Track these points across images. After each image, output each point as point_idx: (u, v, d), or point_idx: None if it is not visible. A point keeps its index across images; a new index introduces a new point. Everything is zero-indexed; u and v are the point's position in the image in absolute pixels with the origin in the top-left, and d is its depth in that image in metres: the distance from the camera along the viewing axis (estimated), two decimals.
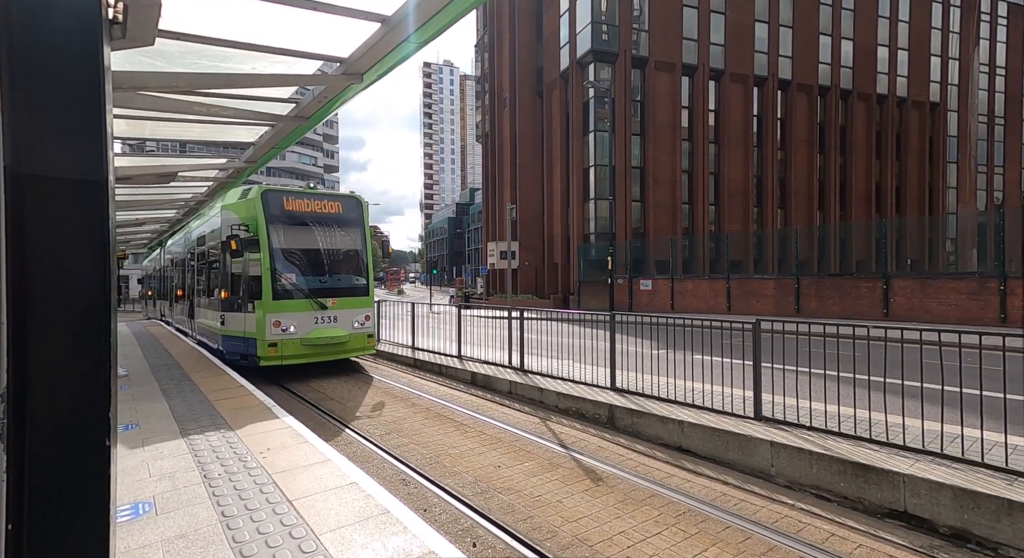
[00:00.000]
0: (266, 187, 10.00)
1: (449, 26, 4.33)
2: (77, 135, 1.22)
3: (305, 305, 9.76)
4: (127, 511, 3.72)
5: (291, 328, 9.53)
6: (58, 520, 1.20)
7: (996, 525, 3.78)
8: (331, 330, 9.98)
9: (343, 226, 10.66)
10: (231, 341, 10.14)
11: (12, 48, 1.14)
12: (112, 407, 1.27)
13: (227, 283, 10.28)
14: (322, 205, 10.42)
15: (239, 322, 9.91)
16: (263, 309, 9.45)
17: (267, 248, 9.55)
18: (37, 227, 1.17)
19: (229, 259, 9.94)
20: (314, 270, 10.11)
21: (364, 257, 10.84)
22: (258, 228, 9.61)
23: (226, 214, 10.39)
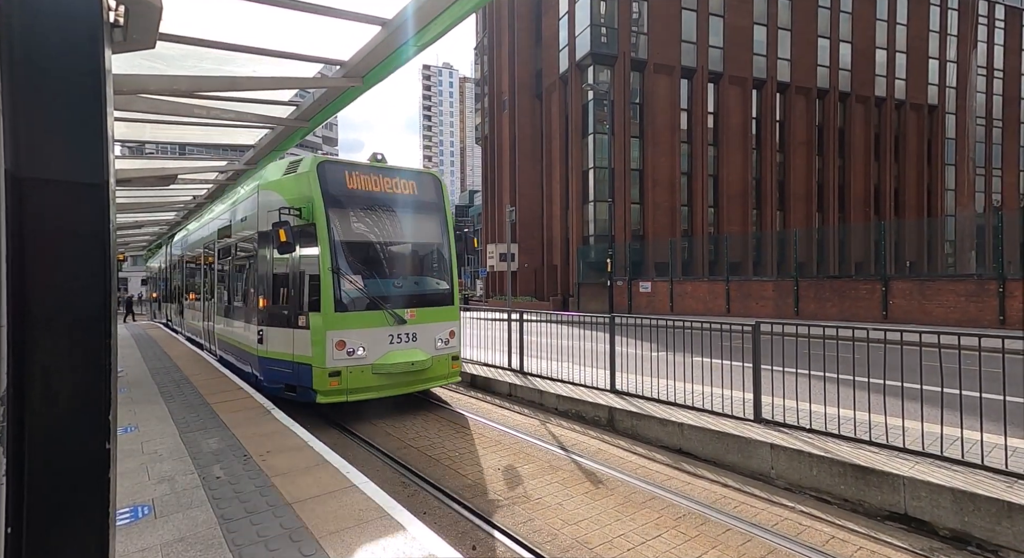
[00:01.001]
0: (323, 158, 7.22)
1: (449, 29, 4.34)
2: (78, 138, 1.22)
3: (377, 318, 7.04)
4: (126, 514, 3.71)
5: (359, 350, 6.86)
6: (58, 524, 1.20)
7: (996, 527, 3.78)
8: (410, 352, 7.22)
9: (422, 212, 7.96)
10: (273, 367, 7.43)
11: (13, 51, 1.14)
12: (112, 410, 1.27)
13: (267, 287, 7.65)
14: (395, 184, 7.65)
15: (285, 341, 7.22)
16: (323, 324, 6.76)
17: (327, 240, 6.84)
18: (38, 230, 1.17)
19: (271, 255, 7.46)
20: (388, 270, 7.51)
21: (448, 253, 8.09)
22: (314, 213, 6.92)
23: (266, 195, 7.77)
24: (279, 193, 7.45)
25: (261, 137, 7.84)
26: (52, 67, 1.19)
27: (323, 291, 6.80)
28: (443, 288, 7.98)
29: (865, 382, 5.04)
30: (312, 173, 7.05)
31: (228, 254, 9.81)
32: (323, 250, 6.85)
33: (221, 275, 10.45)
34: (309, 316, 6.89)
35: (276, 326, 7.42)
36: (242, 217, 8.91)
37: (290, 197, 7.22)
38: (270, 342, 7.54)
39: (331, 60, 5.14)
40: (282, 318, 7.30)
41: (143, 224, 18.66)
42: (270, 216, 7.36)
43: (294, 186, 7.27)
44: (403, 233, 7.79)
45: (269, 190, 7.75)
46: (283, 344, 7.27)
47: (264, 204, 7.79)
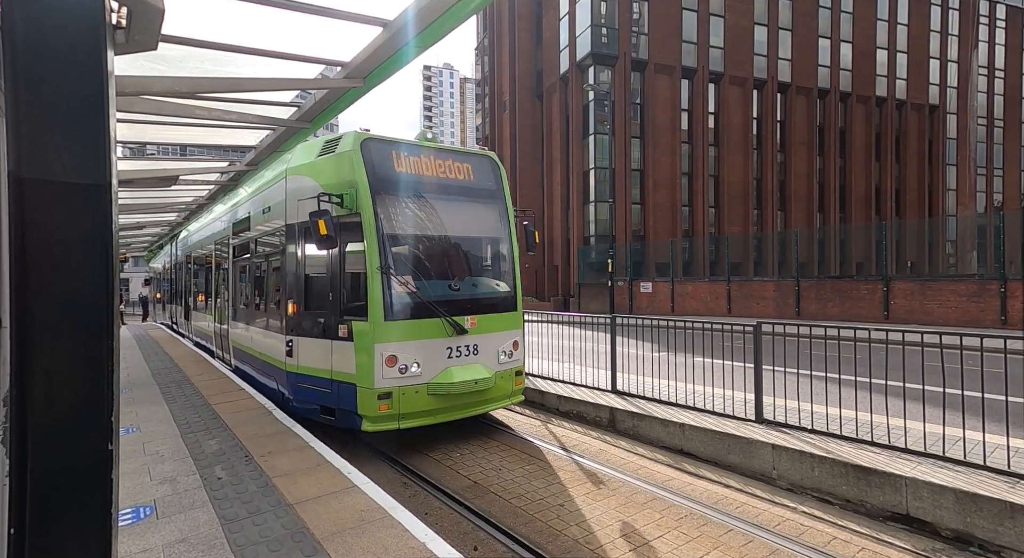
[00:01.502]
0: (366, 134, 5.99)
1: (450, 30, 4.35)
2: (80, 139, 1.22)
3: (434, 328, 5.82)
4: (128, 515, 3.71)
5: (413, 367, 5.66)
6: (60, 524, 1.20)
7: (999, 528, 3.77)
8: (472, 368, 6.00)
9: (480, 200, 6.76)
10: (306, 385, 6.29)
11: (16, 53, 1.15)
12: (114, 411, 1.27)
13: (297, 290, 6.45)
14: (449, 167, 6.45)
15: (321, 355, 6.06)
16: (371, 335, 5.57)
17: (375, 233, 5.66)
18: (40, 231, 1.17)
19: (302, 252, 6.40)
20: (444, 270, 6.30)
21: (510, 250, 6.90)
22: (359, 200, 5.71)
23: (296, 181, 6.59)
24: (312, 178, 6.27)
25: (263, 138, 7.86)
26: (54, 68, 1.19)
27: (370, 295, 5.61)
28: (505, 291, 6.74)
29: (867, 382, 5.04)
30: (355, 153, 5.77)
31: (246, 251, 8.65)
32: (370, 245, 5.65)
33: (237, 275, 9.28)
34: (352, 325, 5.71)
35: (310, 336, 6.23)
36: (264, 208, 7.63)
37: (327, 182, 6.01)
38: (302, 355, 6.32)
39: (332, 61, 5.15)
40: (317, 327, 6.12)
41: (145, 225, 18.69)
42: (301, 206, 6.23)
43: (332, 169, 6.04)
44: (460, 225, 6.57)
45: (300, 175, 6.52)
46: (319, 358, 6.07)
47: (293, 191, 6.59)
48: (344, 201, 5.76)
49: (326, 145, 6.35)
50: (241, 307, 8.97)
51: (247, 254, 8.60)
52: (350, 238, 5.82)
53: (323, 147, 6.37)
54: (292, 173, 6.73)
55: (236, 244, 9.19)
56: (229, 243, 9.65)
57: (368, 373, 5.56)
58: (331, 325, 5.96)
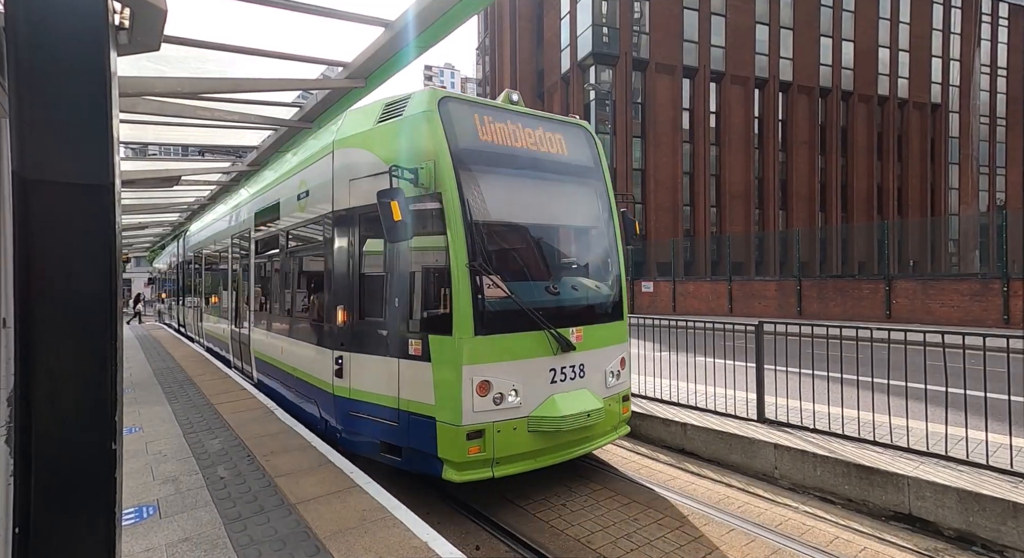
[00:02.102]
0: (443, 92, 4.68)
1: (451, 30, 4.37)
2: (84, 140, 1.23)
3: (534, 344, 4.58)
4: (131, 514, 3.72)
5: (511, 395, 4.41)
6: (65, 524, 1.21)
7: (1002, 527, 3.77)
8: (579, 396, 4.74)
9: (578, 181, 5.46)
10: (362, 415, 4.97)
11: (19, 54, 1.15)
12: (118, 411, 1.27)
13: (349, 292, 5.16)
14: (540, 138, 5.16)
15: (384, 378, 4.78)
16: (458, 354, 4.29)
17: (461, 219, 4.38)
18: (45, 232, 1.17)
19: (356, 245, 5.11)
20: (541, 268, 5.10)
21: (614, 242, 5.56)
22: (439, 177, 4.42)
23: (348, 155, 5.25)
24: (370, 150, 4.95)
25: (264, 138, 7.88)
26: (58, 70, 1.20)
27: (456, 301, 4.28)
28: (611, 294, 5.37)
29: (869, 382, 5.03)
30: (433, 115, 4.48)
31: (272, 245, 7.41)
32: (454, 236, 4.32)
33: (261, 273, 8.00)
34: (430, 341, 4.40)
35: (367, 352, 4.92)
36: (300, 192, 6.21)
37: (391, 154, 4.71)
38: (357, 376, 5.01)
39: (334, 61, 5.16)
40: (378, 341, 4.83)
41: (147, 225, 18.73)
42: (355, 187, 5.03)
43: (399, 137, 4.77)
44: (557, 212, 5.32)
45: (352, 148, 5.17)
46: (381, 382, 4.77)
47: (344, 169, 5.25)
48: (419, 177, 4.38)
49: (388, 108, 4.95)
50: (267, 311, 7.66)
51: (274, 249, 7.36)
52: (423, 227, 4.52)
53: (384, 111, 4.96)
54: (342, 146, 5.30)
55: (260, 238, 7.97)
56: (250, 237, 8.37)
57: (453, 404, 4.22)
58: (398, 339, 4.65)
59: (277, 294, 7.26)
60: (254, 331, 8.17)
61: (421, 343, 4.49)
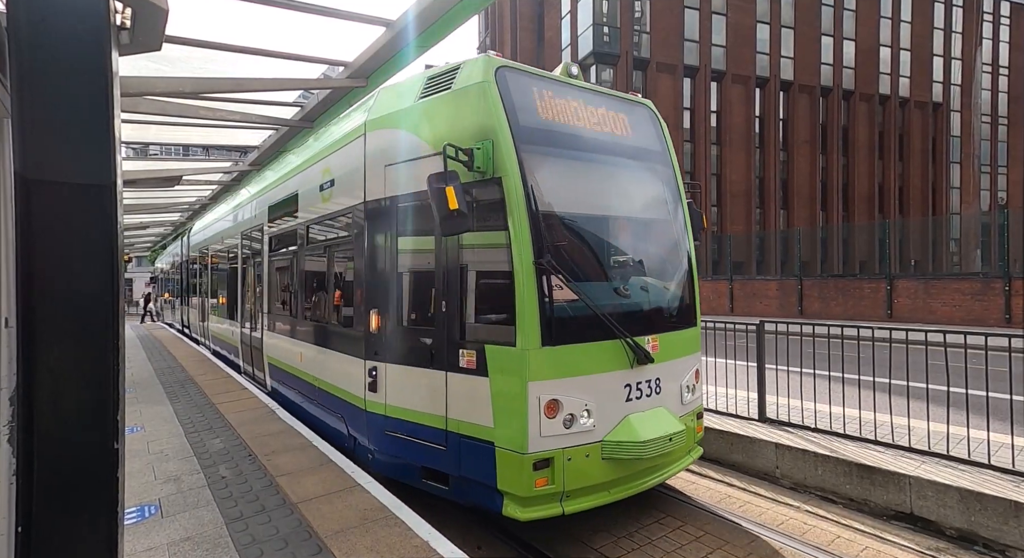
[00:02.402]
0: (500, 61, 4.04)
1: (452, 30, 4.36)
2: (86, 140, 1.23)
3: (608, 355, 3.97)
4: (133, 514, 3.73)
5: (583, 416, 3.81)
6: (67, 523, 1.21)
7: (1003, 527, 3.76)
8: (658, 416, 4.14)
9: (647, 167, 4.82)
10: (400, 435, 4.37)
11: (21, 54, 1.15)
12: (120, 410, 1.28)
13: (385, 294, 4.57)
14: (603, 118, 4.55)
15: (428, 393, 4.19)
16: (523, 366, 3.67)
17: (526, 209, 3.75)
18: (46, 231, 1.18)
19: (395, 239, 4.48)
20: (614, 267, 4.46)
21: (684, 237, 4.93)
22: (498, 157, 3.80)
23: (383, 137, 4.63)
24: (411, 130, 4.34)
25: (265, 138, 7.89)
26: (59, 70, 1.20)
27: (520, 305, 3.63)
28: (684, 296, 4.75)
29: (870, 381, 5.03)
30: (490, 86, 3.83)
31: (289, 242, 6.74)
32: (518, 229, 3.66)
33: (275, 272, 7.39)
34: (487, 352, 3.76)
35: (407, 364, 4.32)
36: (324, 182, 5.55)
37: (437, 134, 4.07)
38: (394, 390, 4.41)
39: (336, 61, 5.17)
40: (421, 351, 4.20)
41: (148, 225, 18.76)
42: (392, 173, 4.44)
43: (448, 113, 4.10)
44: (626, 202, 4.66)
45: (389, 128, 4.55)
46: (423, 397, 4.17)
47: (378, 153, 4.62)
48: (474, 160, 3.72)
49: (432, 81, 4.29)
50: (283, 314, 7.01)
51: (290, 246, 6.69)
52: (478, 218, 3.80)
53: (427, 85, 4.32)
54: (376, 127, 4.66)
55: (274, 233, 7.31)
56: (263, 233, 7.72)
57: (517, 428, 3.59)
58: (446, 350, 3.99)
59: (295, 295, 6.62)
60: (268, 335, 7.52)
61: (475, 354, 3.81)
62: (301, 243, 6.33)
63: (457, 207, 3.44)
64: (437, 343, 4.08)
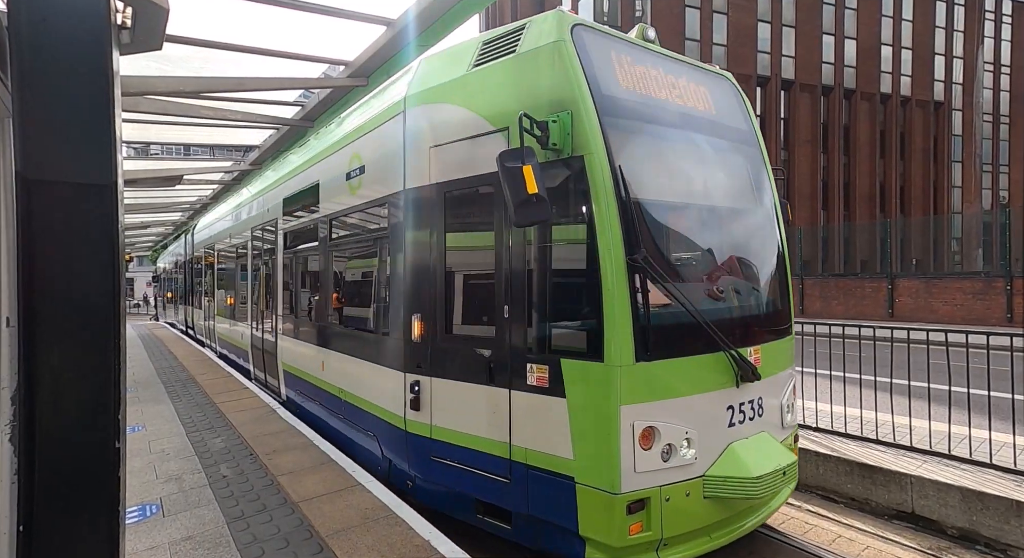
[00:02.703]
0: (573, 17, 3.41)
1: (452, 29, 4.36)
2: (86, 140, 1.23)
3: (709, 371, 3.33)
4: (134, 513, 3.73)
5: (682, 446, 3.13)
6: (68, 522, 1.21)
7: (1005, 526, 3.76)
8: (763, 444, 3.50)
9: (735, 148, 4.13)
10: (449, 461, 3.79)
11: (22, 54, 1.15)
12: (121, 409, 1.28)
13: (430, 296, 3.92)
14: (685, 89, 3.90)
15: (485, 413, 3.57)
16: (613, 387, 2.97)
17: (614, 196, 3.05)
18: (47, 231, 1.18)
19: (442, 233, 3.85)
20: (712, 265, 3.80)
21: (777, 230, 4.22)
22: (578, 131, 3.11)
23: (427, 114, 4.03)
24: (464, 104, 3.71)
25: (266, 138, 7.89)
26: (60, 69, 1.20)
27: (610, 311, 2.99)
28: (782, 299, 4.11)
29: (871, 380, 5.02)
30: (567, 47, 3.21)
31: (310, 237, 6.04)
32: (605, 219, 3.02)
33: (293, 271, 6.71)
34: (565, 368, 3.13)
35: (460, 378, 3.71)
36: (352, 170, 4.93)
37: (498, 106, 3.48)
38: (442, 409, 3.81)
39: (336, 60, 5.17)
40: (477, 364, 3.59)
41: (149, 225, 18.79)
42: (437, 156, 3.81)
43: (516, 80, 3.47)
44: (719, 189, 3.95)
45: (436, 103, 3.92)
46: (480, 419, 3.57)
47: (422, 132, 3.99)
48: (549, 136, 3.09)
49: (491, 45, 3.69)
50: (301, 316, 6.40)
51: (310, 242, 6.05)
52: (573, 207, 3.28)
53: (484, 48, 3.71)
54: (419, 102, 4.03)
55: (291, 229, 6.68)
56: (277, 228, 7.14)
57: (605, 461, 2.96)
58: (509, 363, 3.39)
59: (316, 296, 5.95)
60: (283, 339, 6.92)
61: (548, 370, 3.18)
62: (323, 238, 5.65)
63: (536, 191, 2.81)
64: (497, 355, 3.47)
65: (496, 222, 3.47)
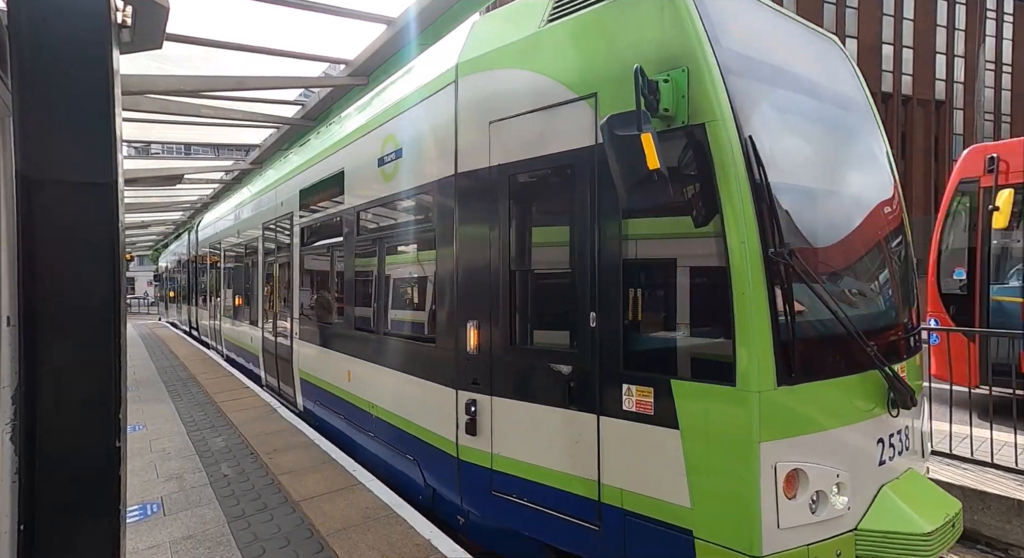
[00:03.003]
0: None
1: (454, 27, 4.35)
2: (87, 139, 1.23)
3: (856, 394, 2.65)
4: (135, 512, 3.74)
5: (832, 492, 2.42)
6: (69, 521, 1.21)
7: (1007, 526, 3.76)
8: (917, 485, 2.87)
9: (858, 125, 3.43)
10: (515, 498, 3.12)
11: (23, 53, 1.15)
12: (122, 408, 1.28)
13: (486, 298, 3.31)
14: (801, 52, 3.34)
15: (566, 446, 2.91)
16: (748, 417, 2.29)
17: (746, 176, 2.36)
18: (48, 230, 1.18)
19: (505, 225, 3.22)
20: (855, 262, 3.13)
21: (904, 221, 3.52)
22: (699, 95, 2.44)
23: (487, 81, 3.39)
24: (537, 68, 3.10)
25: (267, 137, 7.89)
26: (61, 69, 1.20)
27: (744, 320, 2.34)
28: (915, 306, 3.52)
29: None
30: None
31: (333, 232, 5.49)
32: (737, 200, 2.38)
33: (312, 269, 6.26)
34: (676, 390, 2.51)
35: (529, 399, 3.12)
36: (386, 154, 4.38)
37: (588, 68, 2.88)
38: (506, 435, 3.21)
39: (337, 59, 5.17)
40: (553, 382, 2.97)
41: (150, 224, 18.81)
42: (501, 132, 3.20)
43: (609, 34, 2.84)
44: (853, 172, 3.31)
45: (498, 68, 3.32)
46: (557, 449, 2.97)
47: (479, 105, 3.40)
48: (660, 98, 2.47)
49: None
50: (323, 319, 5.79)
51: (332, 237, 5.51)
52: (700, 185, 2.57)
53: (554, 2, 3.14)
54: (475, 68, 3.44)
55: (309, 223, 6.14)
56: (292, 223, 6.58)
57: (739, 513, 2.35)
58: (598, 382, 2.77)
59: (341, 297, 5.31)
60: (300, 344, 6.32)
61: (654, 393, 2.54)
62: (349, 233, 5.07)
63: (659, 165, 2.20)
64: (581, 372, 2.83)
65: (579, 210, 2.84)
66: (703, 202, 2.46)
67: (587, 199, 2.79)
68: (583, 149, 2.74)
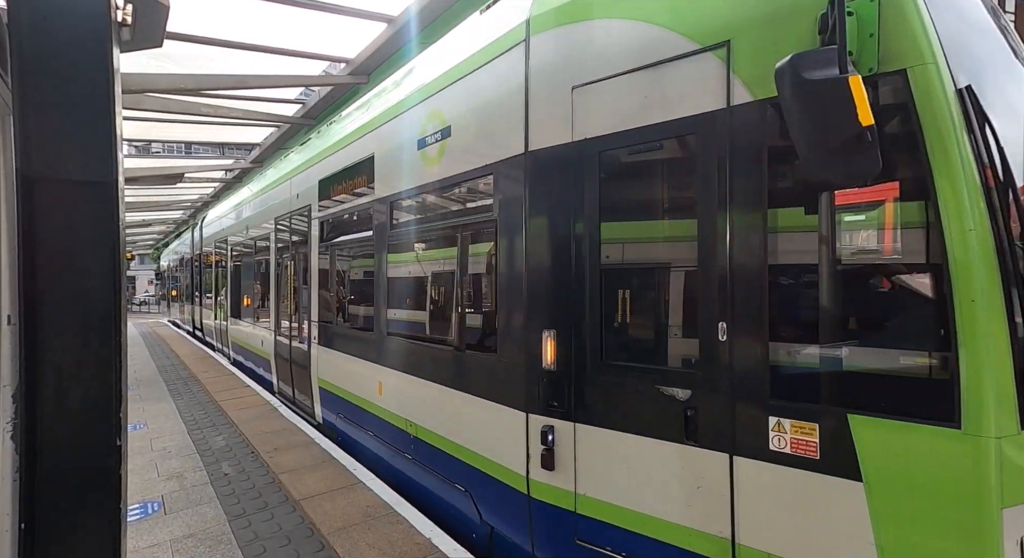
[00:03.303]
0: None
1: (455, 25, 4.35)
2: (87, 138, 1.23)
3: None
4: (136, 510, 3.74)
5: None
6: (70, 519, 1.21)
7: None
8: None
9: None
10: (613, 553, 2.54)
11: (23, 52, 1.15)
12: (122, 407, 1.28)
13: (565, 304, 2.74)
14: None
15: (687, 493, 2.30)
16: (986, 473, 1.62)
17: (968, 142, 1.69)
18: (48, 229, 1.18)
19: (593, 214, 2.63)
20: None
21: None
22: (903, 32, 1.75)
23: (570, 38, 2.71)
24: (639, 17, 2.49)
25: (267, 135, 7.90)
26: (61, 67, 1.20)
27: (971, 339, 1.68)
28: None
29: None
30: None
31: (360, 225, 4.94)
32: (957, 174, 1.71)
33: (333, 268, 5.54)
34: (856, 429, 1.87)
35: (629, 430, 2.52)
36: (431, 133, 3.78)
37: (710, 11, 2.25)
38: (596, 472, 2.65)
39: (338, 58, 5.16)
40: (664, 411, 2.40)
41: (150, 223, 18.83)
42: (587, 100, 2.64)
43: None
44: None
45: (582, 21, 2.70)
46: (666, 493, 2.40)
47: (558, 67, 2.80)
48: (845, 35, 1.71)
49: None
50: (349, 323, 5.25)
51: (360, 231, 4.94)
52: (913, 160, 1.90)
53: None
54: (552, 23, 2.84)
55: (330, 216, 5.53)
56: (311, 216, 5.95)
57: None
58: (727, 411, 2.22)
59: (371, 299, 4.64)
60: (320, 349, 5.70)
61: (821, 431, 1.97)
62: (381, 226, 4.43)
63: (872, 121, 1.62)
64: (705, 398, 2.28)
65: (703, 194, 2.26)
66: (900, 175, 1.90)
67: (714, 180, 2.20)
68: (708, 114, 2.18)
